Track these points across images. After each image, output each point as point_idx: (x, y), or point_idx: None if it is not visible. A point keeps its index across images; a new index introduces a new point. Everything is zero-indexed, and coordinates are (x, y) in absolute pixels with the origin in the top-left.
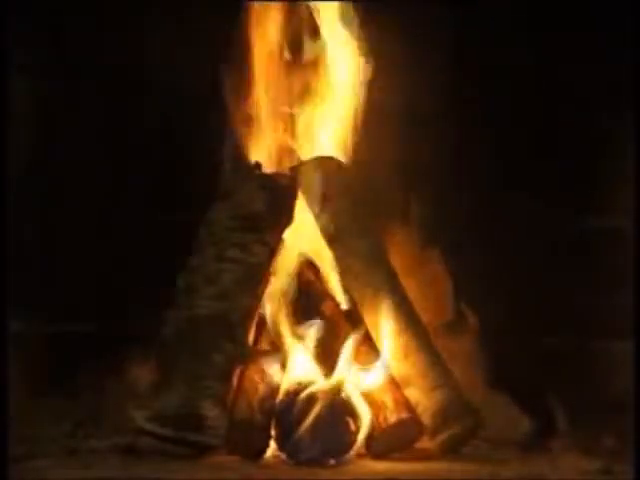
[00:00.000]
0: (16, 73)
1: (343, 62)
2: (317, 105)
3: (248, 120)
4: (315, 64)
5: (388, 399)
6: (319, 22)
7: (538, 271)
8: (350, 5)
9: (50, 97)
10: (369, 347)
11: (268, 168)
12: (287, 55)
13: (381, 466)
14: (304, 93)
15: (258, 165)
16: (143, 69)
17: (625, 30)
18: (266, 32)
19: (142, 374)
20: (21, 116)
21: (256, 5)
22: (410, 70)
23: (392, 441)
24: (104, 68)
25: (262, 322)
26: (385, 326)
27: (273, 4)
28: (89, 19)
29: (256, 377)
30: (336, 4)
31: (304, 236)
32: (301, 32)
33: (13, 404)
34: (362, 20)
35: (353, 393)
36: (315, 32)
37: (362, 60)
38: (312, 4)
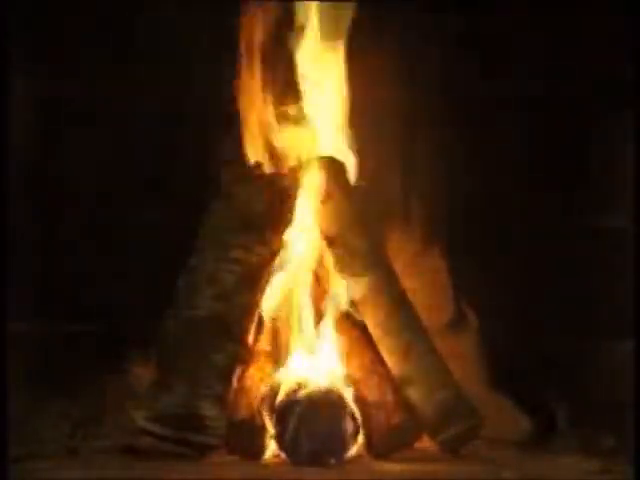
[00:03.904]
0: (16, 73)
1: (344, 62)
2: (317, 105)
3: (249, 120)
4: (316, 64)
5: (388, 399)
6: (320, 22)
7: (538, 271)
8: (349, 6)
9: (50, 98)
10: (368, 347)
11: (268, 168)
12: (288, 55)
13: (381, 466)
14: (304, 93)
15: (258, 165)
16: (143, 69)
17: (625, 29)
18: (266, 32)
19: (142, 374)
20: (21, 117)
21: (257, 5)
22: (410, 70)
23: (392, 441)
24: (104, 68)
25: (262, 322)
26: (385, 326)
27: (273, 4)
28: (89, 19)
29: (256, 377)
30: (336, 5)
31: (304, 236)
32: (302, 32)
33: (13, 404)
34: (362, 20)
35: (351, 392)
36: (316, 32)
37: (363, 60)
38: (313, 4)
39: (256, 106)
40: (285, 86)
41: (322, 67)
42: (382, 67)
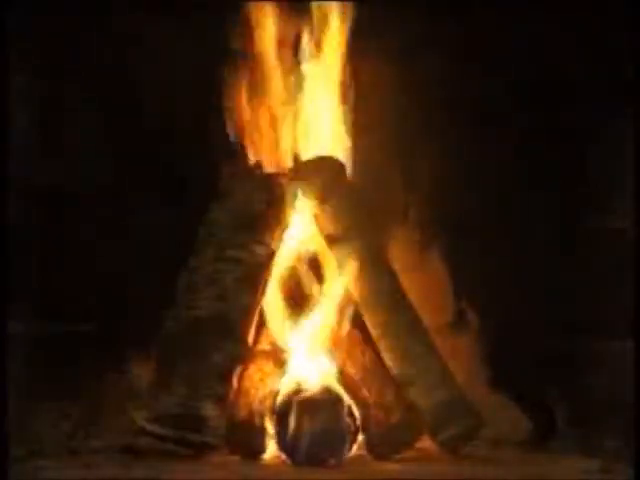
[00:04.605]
0: (16, 73)
1: (343, 62)
2: (317, 105)
3: (248, 120)
4: (315, 64)
5: (388, 399)
6: (320, 22)
7: (538, 271)
8: (350, 5)
9: (50, 97)
10: (368, 347)
11: (268, 168)
12: (287, 55)
13: (381, 466)
14: (304, 93)
15: (258, 165)
16: (143, 69)
17: (626, 29)
18: (266, 32)
19: (142, 374)
20: (21, 116)
21: (256, 5)
22: (410, 70)
23: (392, 441)
24: (104, 68)
25: (262, 322)
26: (385, 326)
27: (272, 4)
28: (89, 19)
29: (256, 377)
30: (336, 4)
31: (304, 236)
32: (301, 32)
33: (13, 404)
34: (363, 20)
35: (350, 393)
36: (315, 32)
37: (363, 60)
38: (312, 4)
39: (257, 106)
40: (287, 86)
41: (323, 67)
42: (382, 68)
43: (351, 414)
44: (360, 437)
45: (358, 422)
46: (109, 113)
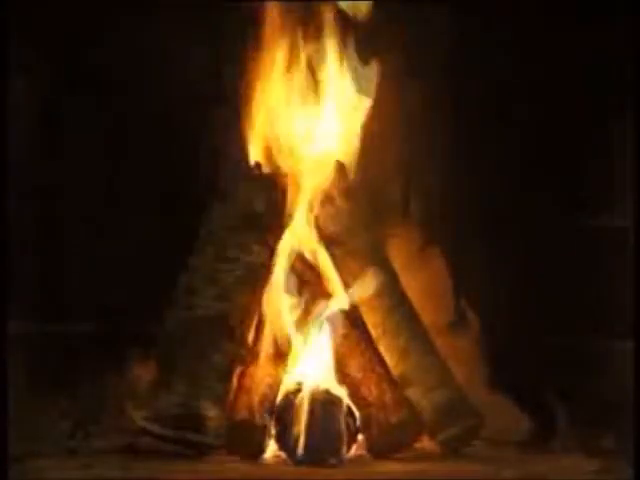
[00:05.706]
0: (16, 73)
1: (344, 62)
2: (317, 105)
3: (249, 120)
4: (315, 64)
5: (388, 399)
6: (320, 22)
7: (538, 271)
8: (352, 5)
9: (50, 97)
10: (368, 347)
11: (268, 168)
12: (288, 55)
13: (381, 466)
14: (305, 93)
15: (258, 165)
16: (143, 69)
17: (626, 29)
18: (268, 32)
19: (142, 374)
20: (21, 116)
21: (257, 5)
22: (411, 69)
23: (392, 441)
24: (104, 68)
25: (262, 322)
26: (385, 326)
27: (275, 4)
28: (89, 19)
29: (256, 377)
30: (339, 4)
31: (304, 236)
32: (303, 32)
33: (13, 404)
34: (364, 21)
35: (350, 392)
36: (316, 32)
37: (363, 60)
38: (315, 4)
39: (257, 106)
40: (287, 86)
41: (324, 67)
42: (384, 67)
43: (351, 414)
44: (360, 437)
45: (358, 422)
46: (109, 113)
